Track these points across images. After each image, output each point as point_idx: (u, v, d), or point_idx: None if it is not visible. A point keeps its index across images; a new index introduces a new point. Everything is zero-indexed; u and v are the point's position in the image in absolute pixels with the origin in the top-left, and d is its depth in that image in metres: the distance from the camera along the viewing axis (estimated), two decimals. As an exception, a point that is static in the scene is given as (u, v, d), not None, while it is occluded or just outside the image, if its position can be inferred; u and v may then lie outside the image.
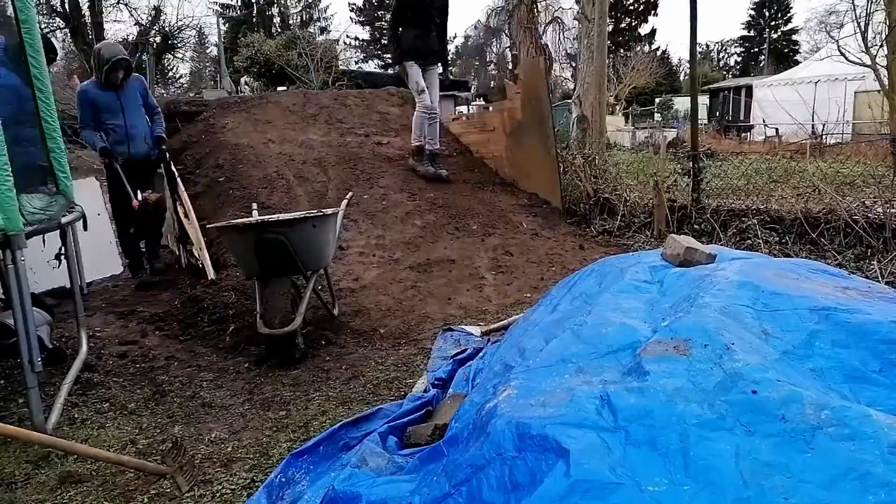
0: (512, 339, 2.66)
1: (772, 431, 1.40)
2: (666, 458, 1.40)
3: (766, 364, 1.62)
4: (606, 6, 8.11)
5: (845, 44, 10.50)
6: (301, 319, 3.58)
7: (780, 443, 1.37)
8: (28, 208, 2.88)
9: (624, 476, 1.37)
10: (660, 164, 6.66)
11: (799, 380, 1.58)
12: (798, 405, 1.43)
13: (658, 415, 1.50)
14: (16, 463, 2.54)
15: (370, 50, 47.49)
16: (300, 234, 3.65)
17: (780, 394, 1.47)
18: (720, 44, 54.18)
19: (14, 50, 3.10)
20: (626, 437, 1.47)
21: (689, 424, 1.45)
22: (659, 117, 28.43)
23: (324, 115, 8.46)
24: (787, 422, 1.40)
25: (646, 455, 1.42)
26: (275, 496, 2.13)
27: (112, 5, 24.24)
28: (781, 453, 1.35)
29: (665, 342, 1.77)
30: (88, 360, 3.58)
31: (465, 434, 1.87)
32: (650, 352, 1.75)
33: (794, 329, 1.81)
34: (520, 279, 5.14)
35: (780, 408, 1.44)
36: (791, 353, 1.71)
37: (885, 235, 4.94)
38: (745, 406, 1.47)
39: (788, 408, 1.43)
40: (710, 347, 1.69)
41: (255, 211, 4.85)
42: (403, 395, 3.00)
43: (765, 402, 1.46)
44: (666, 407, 1.51)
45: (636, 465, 1.39)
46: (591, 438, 1.48)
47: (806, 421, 1.39)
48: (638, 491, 1.33)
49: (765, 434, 1.40)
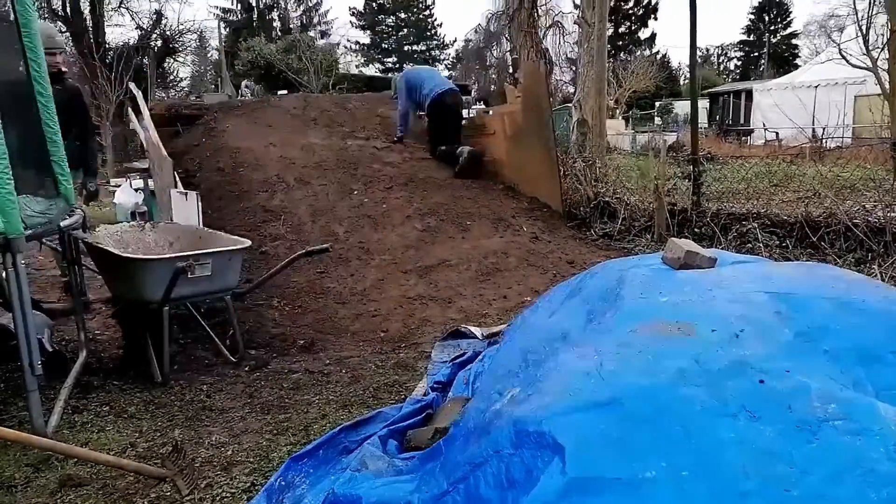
0: (512, 342, 2.66)
1: (777, 420, 1.38)
2: (666, 446, 1.38)
3: (776, 350, 1.61)
4: (606, 10, 8.12)
5: (846, 47, 10.53)
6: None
7: (785, 431, 1.35)
8: (28, 211, 2.88)
9: (622, 467, 1.35)
10: (660, 168, 6.66)
11: (811, 362, 1.57)
12: (805, 397, 1.42)
13: (660, 399, 1.48)
14: (16, 466, 2.53)
15: (370, 54, 47.61)
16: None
17: (788, 385, 1.46)
18: (720, 48, 54.24)
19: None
20: (624, 424, 1.45)
21: (692, 411, 1.44)
22: (659, 121, 28.45)
23: (324, 118, 8.48)
24: (794, 412, 1.39)
25: (645, 442, 1.40)
26: (275, 499, 2.13)
27: (113, 9, 24.31)
28: (786, 443, 1.33)
29: (670, 323, 1.76)
30: (89, 363, 3.58)
31: (465, 435, 1.86)
32: (655, 329, 1.73)
33: (807, 310, 1.81)
34: (520, 283, 5.14)
35: (786, 398, 1.43)
36: (804, 335, 1.69)
37: (886, 239, 4.93)
38: (752, 394, 1.46)
39: (795, 399, 1.42)
40: (717, 332, 1.67)
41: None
42: (404, 398, 3.00)
43: (772, 392, 1.45)
44: (668, 391, 1.50)
45: (635, 454, 1.38)
46: (588, 430, 1.46)
47: (813, 413, 1.38)
48: (636, 481, 1.32)
49: (769, 422, 1.38)
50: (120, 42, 23.81)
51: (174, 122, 7.94)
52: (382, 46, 48.96)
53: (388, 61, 48.41)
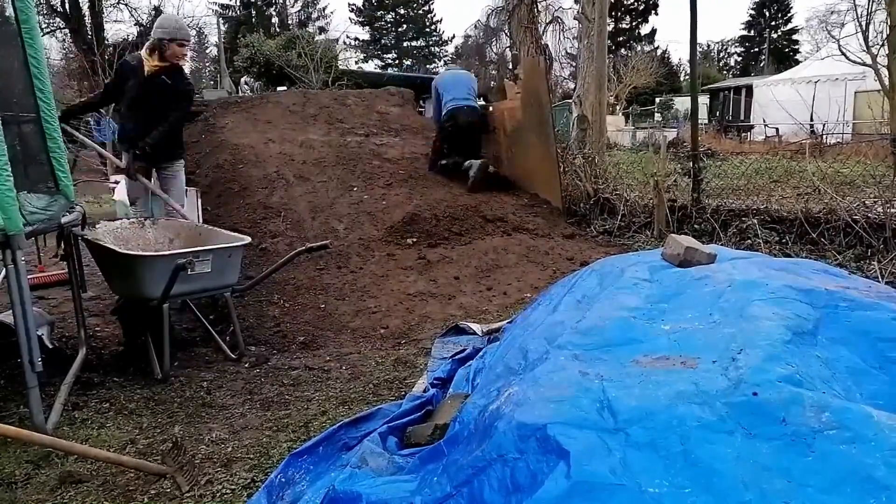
0: (512, 339, 2.66)
1: (772, 435, 1.39)
2: (666, 461, 1.39)
3: (770, 354, 1.62)
4: (606, 6, 8.11)
5: (846, 43, 10.51)
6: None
7: (781, 447, 1.36)
8: (28, 208, 2.87)
9: (624, 478, 1.36)
10: (660, 164, 6.66)
11: (805, 365, 1.59)
12: (799, 407, 1.43)
13: (659, 417, 1.50)
14: (16, 463, 2.54)
15: (370, 50, 47.54)
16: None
17: (782, 395, 1.47)
18: (720, 43, 54.21)
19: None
20: (626, 439, 1.47)
21: (689, 427, 1.45)
22: (659, 117, 28.42)
23: (324, 114, 8.46)
24: (789, 424, 1.40)
25: (647, 457, 1.41)
26: (275, 496, 2.13)
27: (112, 5, 24.24)
28: (782, 457, 1.34)
29: (672, 358, 1.76)
30: (89, 359, 3.58)
31: (466, 435, 1.87)
32: (658, 365, 1.74)
33: (800, 315, 1.82)
34: (520, 279, 5.14)
35: (780, 410, 1.43)
36: (798, 339, 1.71)
37: (886, 235, 4.93)
38: (746, 409, 1.46)
39: (789, 410, 1.42)
40: (718, 363, 1.69)
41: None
42: (404, 394, 3.00)
43: (766, 405, 1.46)
44: (667, 409, 1.51)
45: (637, 467, 1.39)
46: (592, 440, 1.48)
47: (807, 424, 1.38)
48: (638, 493, 1.32)
49: (766, 437, 1.39)
50: (119, 38, 23.75)
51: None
52: (382, 42, 48.91)
53: (387, 57, 48.37)
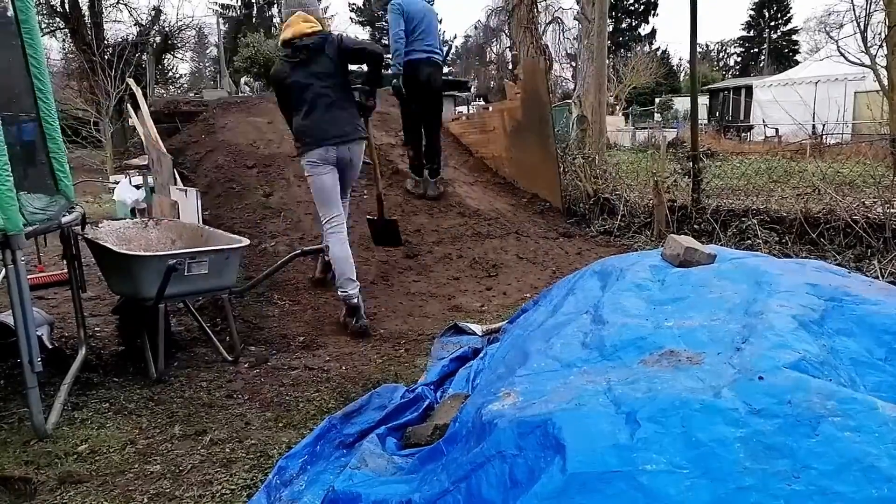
0: (513, 340, 2.66)
1: (777, 413, 1.39)
2: (666, 443, 1.39)
3: (776, 343, 1.63)
4: (606, 6, 8.11)
5: (845, 44, 10.53)
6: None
7: (785, 426, 1.36)
8: (28, 208, 2.87)
9: (622, 467, 1.36)
10: (660, 164, 6.66)
11: (811, 353, 1.60)
12: (805, 392, 1.43)
13: (663, 408, 1.50)
14: (16, 463, 2.54)
15: (370, 50, 47.45)
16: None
17: (788, 381, 1.48)
18: (720, 44, 54.19)
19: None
20: (627, 428, 1.47)
21: (692, 409, 1.45)
22: (659, 117, 28.43)
23: (324, 115, 8.44)
24: (794, 406, 1.40)
25: (646, 442, 1.41)
26: (274, 496, 2.13)
27: (112, 5, 24.27)
28: (786, 437, 1.34)
29: (678, 352, 1.76)
30: (88, 359, 3.58)
31: (465, 434, 1.87)
32: (664, 363, 1.74)
33: (805, 306, 1.85)
34: (520, 279, 5.14)
35: (786, 392, 1.44)
36: (804, 328, 1.72)
37: (885, 235, 4.94)
38: (752, 389, 1.47)
39: (795, 394, 1.43)
40: (723, 354, 1.69)
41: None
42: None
43: (772, 388, 1.46)
44: (671, 400, 1.51)
45: (635, 455, 1.38)
46: (590, 433, 1.47)
47: (812, 409, 1.38)
48: (635, 480, 1.32)
49: (770, 415, 1.39)
50: (119, 38, 23.76)
51: (173, 118, 7.93)
52: (382, 42, 48.88)
53: (387, 57, 48.28)
